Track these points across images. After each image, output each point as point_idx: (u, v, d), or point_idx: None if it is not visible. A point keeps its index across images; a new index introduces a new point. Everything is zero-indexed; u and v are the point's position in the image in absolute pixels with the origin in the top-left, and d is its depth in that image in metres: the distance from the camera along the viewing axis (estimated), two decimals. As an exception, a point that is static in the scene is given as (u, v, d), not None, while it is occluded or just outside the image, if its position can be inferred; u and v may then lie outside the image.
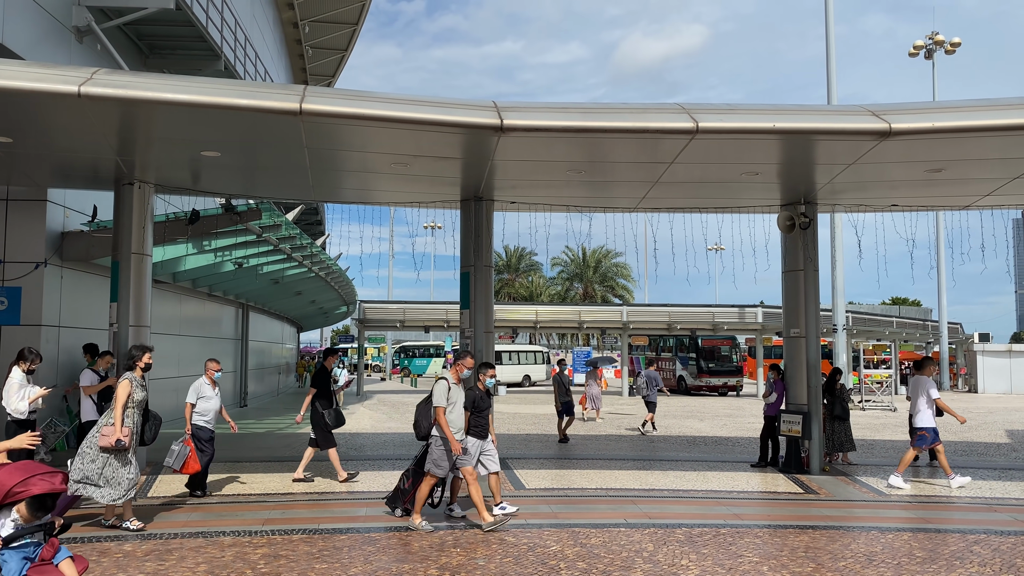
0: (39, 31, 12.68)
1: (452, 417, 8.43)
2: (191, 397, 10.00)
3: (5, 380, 9.42)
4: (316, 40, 35.86)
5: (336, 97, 8.92)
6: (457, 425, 8.47)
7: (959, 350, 49.14)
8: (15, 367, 9.24)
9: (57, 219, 13.63)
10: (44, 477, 4.39)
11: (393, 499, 9.03)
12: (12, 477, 4.34)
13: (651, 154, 9.99)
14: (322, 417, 11.25)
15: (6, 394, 9.11)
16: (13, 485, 4.30)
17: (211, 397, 10.08)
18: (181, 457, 9.41)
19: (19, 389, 9.15)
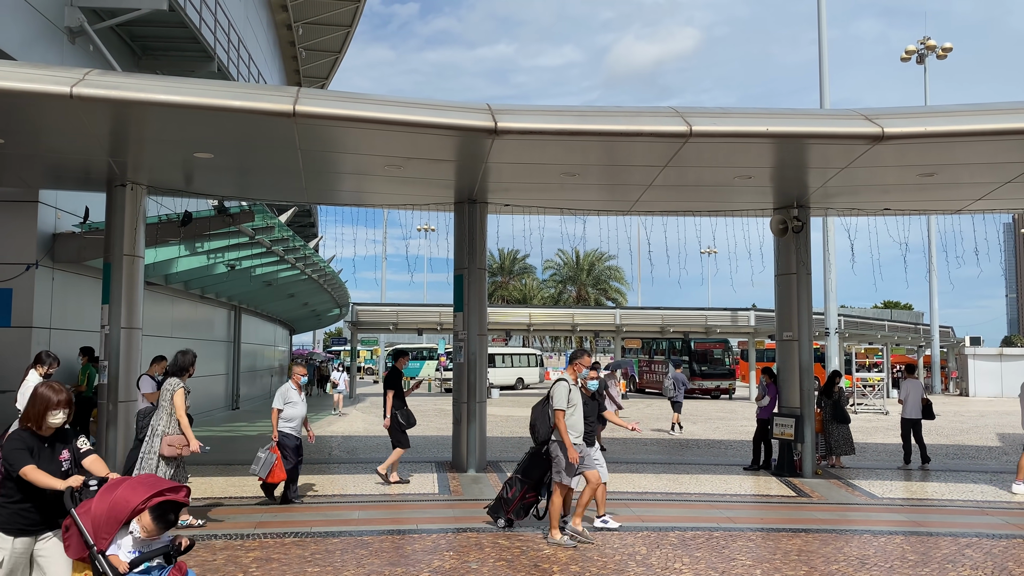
0: (31, 32, 12.62)
1: (572, 421, 7.91)
2: (278, 403, 9.67)
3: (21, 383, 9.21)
4: (310, 42, 35.82)
5: (330, 99, 8.90)
6: (578, 429, 7.95)
7: (950, 354, 49.34)
8: (32, 371, 8.94)
9: (48, 220, 13.56)
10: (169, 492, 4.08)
11: (495, 509, 8.53)
12: (136, 493, 4.01)
13: (645, 157, 10.00)
14: (395, 417, 11.27)
15: (22, 398, 8.85)
16: (139, 502, 3.97)
17: (297, 403, 9.74)
18: (267, 465, 9.16)
19: None
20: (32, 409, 4.41)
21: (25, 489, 4.29)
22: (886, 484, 11.85)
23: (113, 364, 11.45)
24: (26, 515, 4.31)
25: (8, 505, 4.31)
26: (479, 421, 12.63)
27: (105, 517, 3.94)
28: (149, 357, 11.20)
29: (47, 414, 4.40)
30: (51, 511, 4.33)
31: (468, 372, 12.70)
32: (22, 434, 4.40)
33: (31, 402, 4.43)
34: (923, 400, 14.07)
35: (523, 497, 8.34)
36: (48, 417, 4.40)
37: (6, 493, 4.34)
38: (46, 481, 4.24)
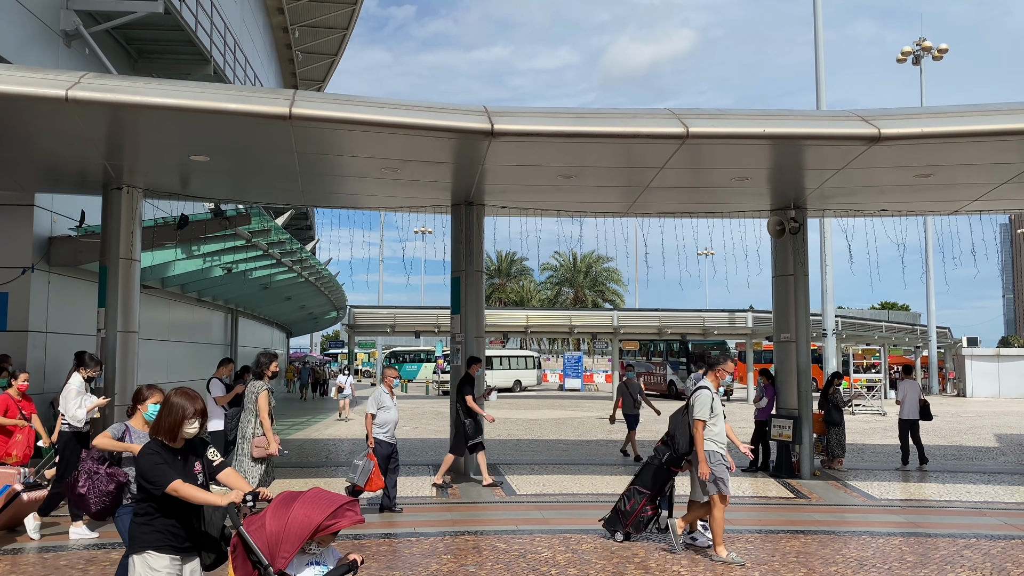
0: (27, 35, 12.60)
1: (715, 432, 7.51)
2: (371, 407, 9.33)
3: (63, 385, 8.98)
4: (306, 45, 35.82)
5: (326, 101, 8.89)
6: (721, 439, 7.53)
7: (948, 354, 49.39)
8: (75, 373, 8.71)
9: (44, 224, 13.53)
10: (349, 508, 3.80)
11: (612, 521, 8.18)
12: (317, 510, 3.73)
13: (641, 159, 9.99)
14: (463, 426, 11.19)
15: (64, 400, 8.61)
16: (323, 519, 3.70)
17: (391, 407, 9.42)
18: (366, 473, 8.82)
19: (76, 396, 8.60)
20: (167, 419, 4.10)
21: (168, 506, 4.00)
22: (884, 485, 11.84)
23: (109, 368, 11.41)
24: (173, 532, 4.03)
25: (150, 523, 4.02)
26: (477, 424, 12.59)
27: (283, 536, 3.69)
28: (145, 360, 11.20)
29: (183, 424, 4.10)
30: (194, 528, 4.08)
31: (463, 375, 12.66)
32: (156, 447, 4.07)
33: (165, 411, 4.12)
34: (920, 401, 14.07)
35: (642, 510, 7.97)
36: (184, 427, 4.10)
37: (145, 512, 4.03)
38: (202, 496, 3.94)
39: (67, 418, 8.55)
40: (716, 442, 7.49)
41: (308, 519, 3.70)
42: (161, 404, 4.18)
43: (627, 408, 15.25)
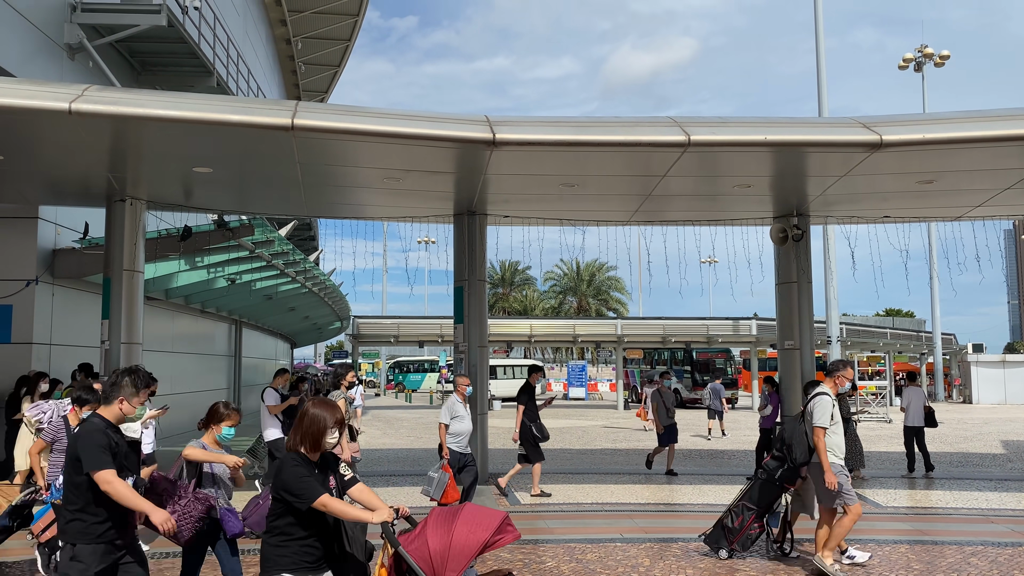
0: (31, 48, 12.67)
1: (835, 440, 7.09)
2: (444, 417, 9.06)
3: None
4: (309, 56, 35.97)
5: (328, 112, 8.92)
6: (840, 450, 7.13)
7: (953, 361, 49.20)
8: None
9: (48, 236, 13.57)
10: (509, 524, 3.67)
11: (715, 538, 7.79)
12: (482, 528, 3.63)
13: (643, 167, 10.00)
14: (530, 430, 11.23)
15: None
16: (488, 536, 3.61)
17: (465, 416, 9.16)
18: (441, 485, 8.48)
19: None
20: (310, 428, 3.93)
21: (308, 522, 3.83)
22: (890, 493, 11.79)
23: (113, 379, 11.42)
24: (312, 551, 3.85)
25: (289, 543, 3.82)
26: (480, 434, 12.58)
27: (448, 554, 3.61)
28: (151, 371, 11.14)
29: (325, 434, 3.94)
30: (331, 547, 3.92)
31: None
32: (300, 458, 3.90)
33: (307, 422, 3.95)
34: (925, 408, 14.01)
35: (749, 527, 7.63)
36: (327, 437, 3.95)
37: (281, 531, 3.83)
38: (352, 512, 3.78)
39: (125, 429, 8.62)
40: (835, 453, 7.07)
41: (474, 537, 3.64)
42: (299, 416, 4.02)
43: (664, 419, 13.99)
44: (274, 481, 3.84)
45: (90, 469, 4.10)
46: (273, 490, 3.85)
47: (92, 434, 4.20)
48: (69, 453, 4.24)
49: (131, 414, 4.47)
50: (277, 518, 3.85)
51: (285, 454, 3.97)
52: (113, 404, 4.39)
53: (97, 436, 4.19)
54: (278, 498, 3.83)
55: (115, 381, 4.42)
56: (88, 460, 4.11)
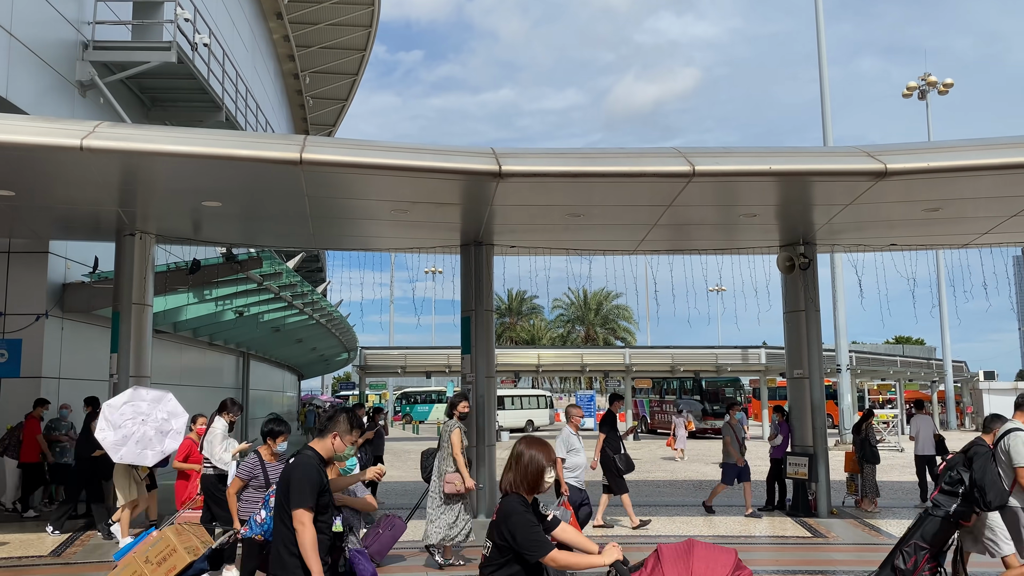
0: (43, 86, 12.87)
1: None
2: (560, 451, 8.64)
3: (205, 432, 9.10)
4: (317, 90, 36.41)
5: (336, 146, 9.01)
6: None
7: (964, 388, 48.82)
8: (218, 417, 8.88)
9: (58, 271, 13.67)
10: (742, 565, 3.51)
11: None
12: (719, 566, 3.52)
13: (649, 198, 10.04)
14: (613, 462, 11.11)
15: (208, 445, 8.72)
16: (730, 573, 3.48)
17: (580, 450, 8.74)
18: None
19: (223, 440, 8.76)
20: (529, 469, 3.75)
21: (535, 572, 3.68)
22: (904, 523, 11.63)
23: (121, 413, 11.42)
24: None
25: None
26: (488, 465, 12.49)
27: None
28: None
29: (544, 475, 3.79)
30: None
31: (476, 415, 12.61)
32: (525, 505, 3.73)
33: (524, 462, 3.77)
34: (935, 435, 13.89)
35: (923, 568, 7.01)
36: (545, 477, 3.80)
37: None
38: (585, 561, 3.66)
39: (214, 461, 8.67)
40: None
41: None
42: (514, 456, 3.84)
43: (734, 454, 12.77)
44: (501, 527, 3.67)
45: (294, 504, 4.01)
46: (499, 537, 3.66)
47: (309, 469, 4.11)
48: (282, 485, 4.13)
49: (342, 451, 4.39)
50: (500, 568, 3.65)
51: (508, 498, 3.77)
52: (327, 438, 4.32)
53: (312, 472, 4.10)
54: (505, 546, 3.63)
55: (332, 416, 4.39)
56: (296, 495, 4.02)
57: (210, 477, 8.64)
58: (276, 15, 29.73)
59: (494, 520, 3.71)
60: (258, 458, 6.45)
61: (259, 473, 6.40)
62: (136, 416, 9.61)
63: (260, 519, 4.62)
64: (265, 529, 4.32)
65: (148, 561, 5.98)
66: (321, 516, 4.12)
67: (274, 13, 29.61)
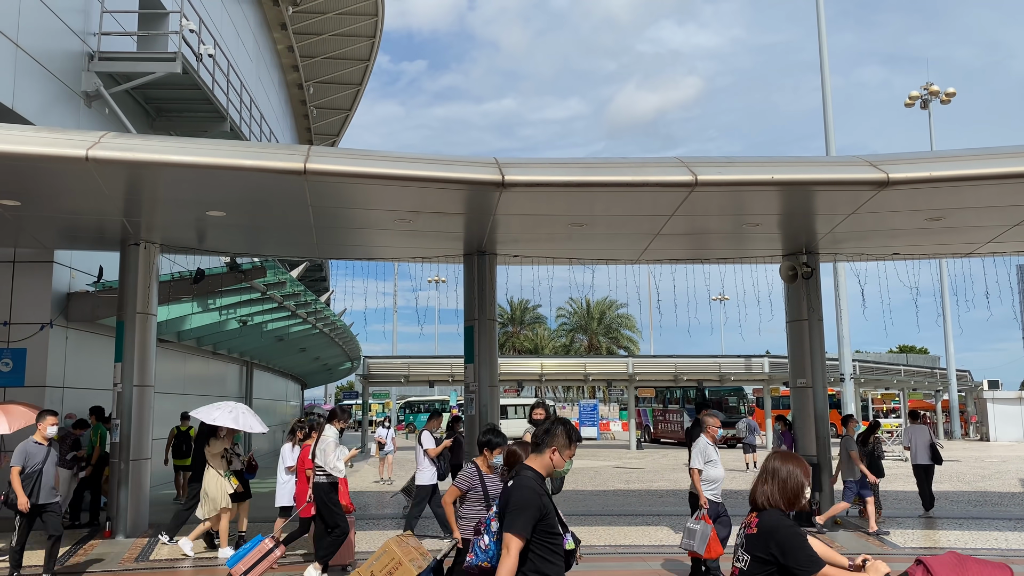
0: (49, 96, 12.95)
1: None
2: (697, 462, 8.30)
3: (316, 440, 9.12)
4: (320, 100, 36.55)
5: (340, 156, 9.07)
6: None
7: (969, 398, 48.66)
8: (329, 425, 8.91)
9: (63, 280, 13.72)
10: None
11: None
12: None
13: (651, 207, 10.07)
14: None
15: (322, 453, 8.74)
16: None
17: (717, 461, 8.38)
18: (704, 538, 7.73)
19: (335, 448, 8.79)
20: (788, 484, 3.63)
21: None
22: (907, 533, 11.61)
23: (125, 422, 11.46)
24: None
25: None
26: (492, 474, 12.50)
27: None
28: (161, 414, 11.26)
29: (804, 490, 3.66)
30: None
31: (480, 424, 12.62)
32: (786, 517, 3.59)
33: (783, 477, 3.64)
34: (930, 445, 13.88)
35: None
36: (804, 492, 3.66)
37: None
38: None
39: (328, 468, 8.69)
40: None
41: None
42: (769, 471, 3.70)
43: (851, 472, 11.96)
44: (766, 541, 3.56)
45: (506, 527, 3.76)
46: (762, 551, 3.56)
47: (530, 495, 3.82)
48: (502, 506, 3.90)
49: (560, 467, 4.06)
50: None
51: (770, 513, 3.62)
52: (545, 454, 4.01)
53: (534, 499, 3.81)
54: (769, 560, 3.53)
55: (549, 429, 4.07)
56: (513, 519, 3.76)
57: (323, 485, 8.64)
58: (280, 26, 29.89)
59: (752, 534, 3.60)
60: (476, 469, 6.32)
61: (477, 484, 6.23)
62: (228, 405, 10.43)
63: (484, 545, 4.32)
64: (490, 555, 4.06)
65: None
66: (550, 539, 3.84)
67: (278, 24, 29.77)
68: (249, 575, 7.74)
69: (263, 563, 7.87)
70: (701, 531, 7.74)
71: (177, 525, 10.60)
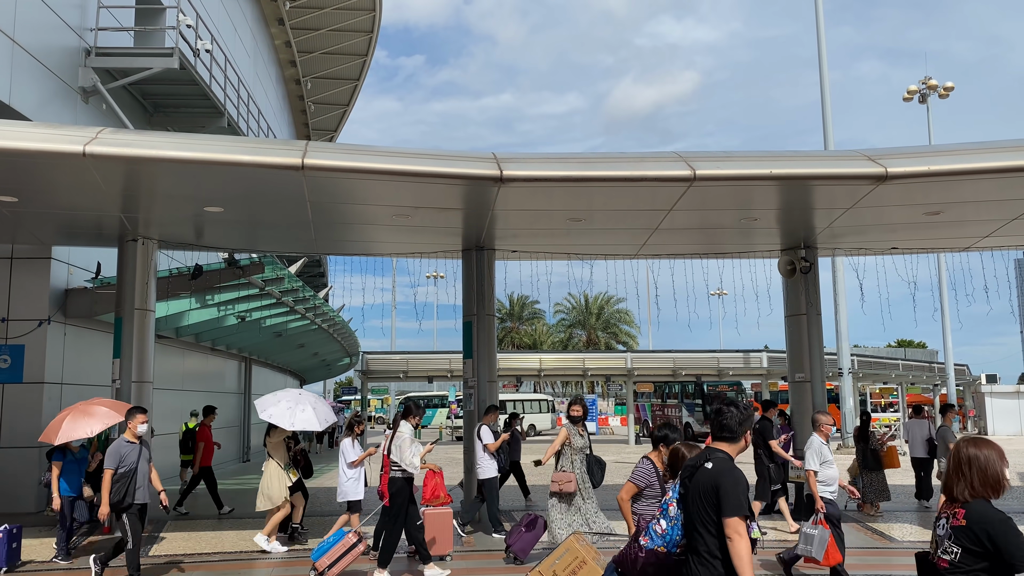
0: (46, 92, 12.92)
1: None
2: (812, 463, 7.98)
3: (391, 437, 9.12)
4: (318, 96, 36.48)
5: (337, 152, 9.04)
6: None
7: (967, 392, 48.73)
8: (403, 421, 8.90)
9: (61, 276, 13.70)
10: None
11: None
12: None
13: (650, 202, 10.06)
14: (767, 469, 11.43)
15: (398, 449, 8.72)
16: None
17: (832, 460, 8.04)
18: (822, 544, 7.38)
19: (411, 444, 8.77)
20: (987, 470, 3.59)
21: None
22: (905, 527, 11.63)
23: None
24: None
25: None
26: (491, 469, 12.49)
27: None
28: (160, 410, 11.24)
29: (1004, 476, 3.61)
30: None
31: (478, 419, 12.62)
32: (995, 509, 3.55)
33: (981, 465, 3.60)
34: (927, 439, 13.97)
35: None
36: (1005, 475, 3.62)
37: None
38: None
39: (404, 465, 8.68)
40: None
41: None
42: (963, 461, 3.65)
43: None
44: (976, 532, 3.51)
45: (730, 512, 3.73)
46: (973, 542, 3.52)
47: (738, 474, 3.86)
48: (703, 491, 3.88)
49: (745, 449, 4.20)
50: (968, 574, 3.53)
51: (979, 503, 3.58)
52: (741, 441, 4.09)
53: (743, 478, 3.87)
54: (980, 552, 3.50)
55: (746, 417, 4.11)
56: (732, 501, 3.76)
57: (398, 480, 8.64)
58: (278, 21, 29.82)
59: (960, 525, 3.57)
60: (652, 465, 6.21)
61: (655, 481, 6.14)
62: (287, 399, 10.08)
63: (661, 529, 4.25)
64: (667, 540, 4.05)
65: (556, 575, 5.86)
66: None
67: (276, 19, 29.70)
68: (333, 569, 7.86)
69: (347, 557, 8.03)
70: (819, 536, 7.42)
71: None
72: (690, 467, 4.09)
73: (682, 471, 4.13)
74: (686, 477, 4.06)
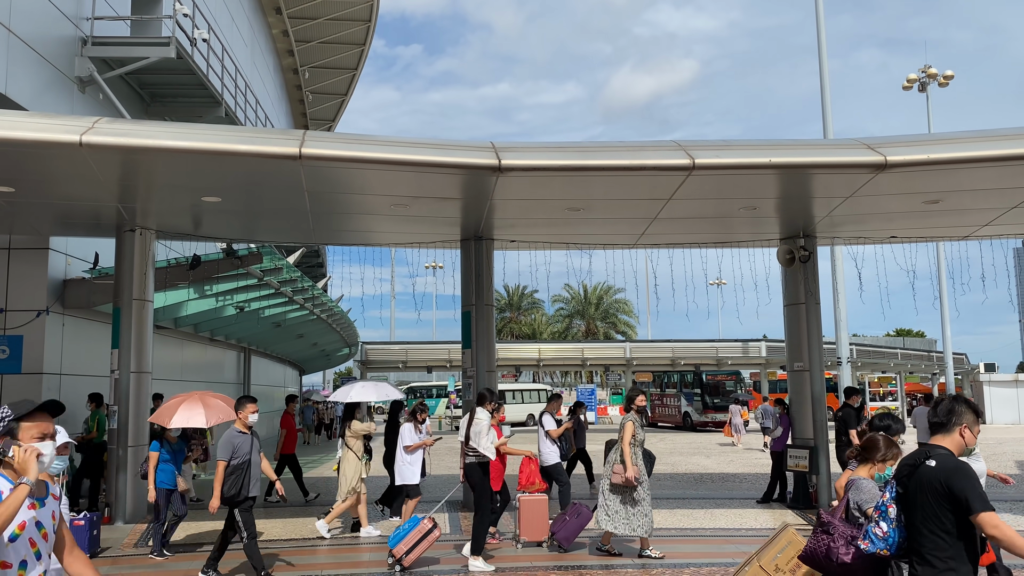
0: (42, 82, 12.86)
1: None
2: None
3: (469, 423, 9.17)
4: (316, 85, 36.36)
5: (335, 141, 9.02)
6: None
7: (965, 381, 48.87)
8: (481, 408, 8.94)
9: (59, 267, 13.68)
10: None
11: None
12: None
13: (649, 191, 10.04)
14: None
15: (476, 436, 8.76)
16: None
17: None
18: None
19: (488, 431, 8.78)
20: None
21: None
22: (904, 515, 11.66)
23: (123, 409, 11.47)
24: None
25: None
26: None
27: None
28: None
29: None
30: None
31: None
32: None
33: None
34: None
35: None
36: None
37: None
38: None
39: (481, 450, 8.73)
40: None
41: None
42: None
43: None
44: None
45: (980, 508, 3.64)
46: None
47: (968, 469, 3.77)
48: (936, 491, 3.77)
49: (972, 444, 3.99)
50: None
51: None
52: (955, 432, 3.93)
53: (972, 471, 3.76)
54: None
55: (952, 409, 3.98)
56: (977, 499, 3.65)
57: (474, 466, 8.71)
58: (275, 10, 29.69)
59: None
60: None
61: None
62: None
63: (882, 532, 4.09)
64: (889, 543, 3.96)
65: (779, 570, 5.76)
66: None
67: (273, 8, 29.57)
68: (411, 555, 7.92)
69: (424, 543, 8.13)
70: None
71: None
72: (909, 465, 3.96)
73: (898, 470, 4.02)
74: (904, 476, 3.94)
